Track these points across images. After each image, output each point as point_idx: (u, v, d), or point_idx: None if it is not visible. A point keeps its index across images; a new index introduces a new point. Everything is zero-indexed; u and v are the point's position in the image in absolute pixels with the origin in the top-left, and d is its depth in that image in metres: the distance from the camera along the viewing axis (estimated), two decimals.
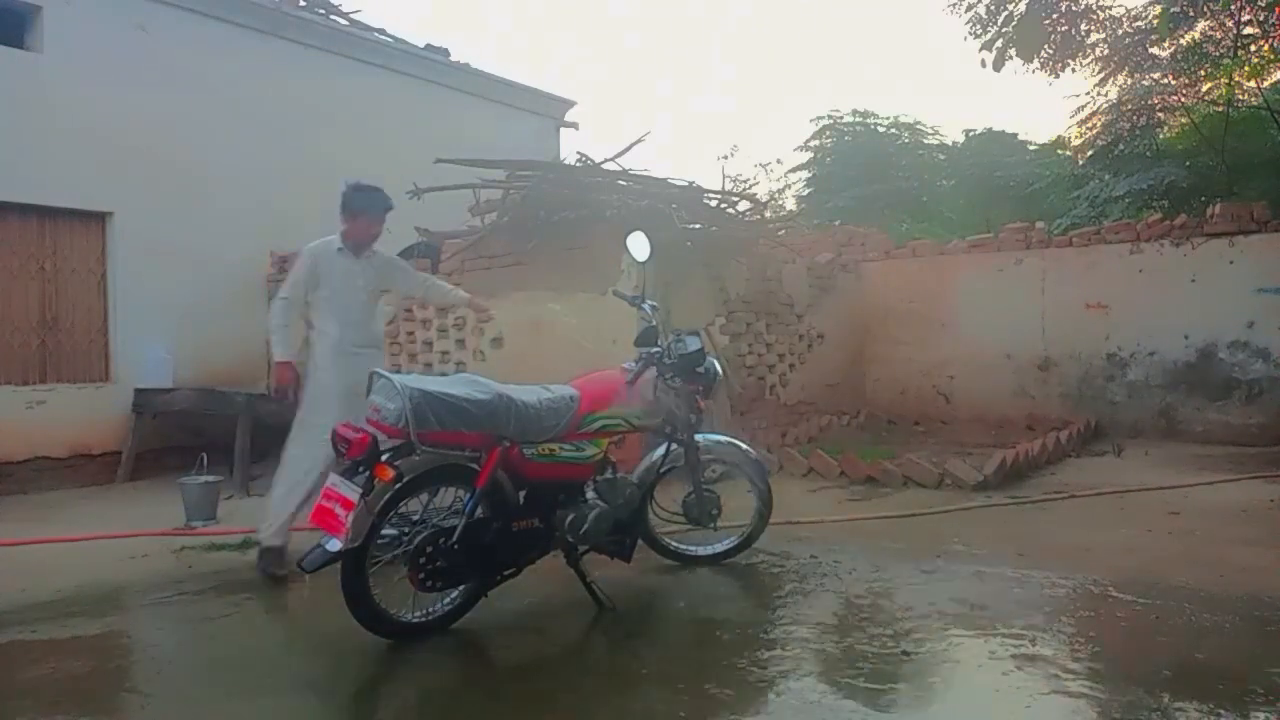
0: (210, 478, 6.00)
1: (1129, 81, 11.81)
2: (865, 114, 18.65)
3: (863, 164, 17.60)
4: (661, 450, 4.26)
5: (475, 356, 7.49)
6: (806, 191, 19.26)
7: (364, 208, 4.73)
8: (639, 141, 8.07)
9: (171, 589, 4.38)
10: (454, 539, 3.41)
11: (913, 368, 9.82)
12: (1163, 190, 11.74)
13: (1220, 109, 11.50)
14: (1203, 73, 11.10)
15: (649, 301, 4.39)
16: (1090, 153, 12.89)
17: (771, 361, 8.45)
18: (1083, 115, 12.64)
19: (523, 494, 3.71)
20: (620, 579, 4.07)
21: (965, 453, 7.16)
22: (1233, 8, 9.71)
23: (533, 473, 3.68)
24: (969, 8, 11.26)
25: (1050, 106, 39.63)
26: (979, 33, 11.22)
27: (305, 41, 9.47)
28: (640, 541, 4.18)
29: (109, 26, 8.02)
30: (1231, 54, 10.39)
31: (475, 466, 3.54)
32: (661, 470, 4.27)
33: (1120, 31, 11.33)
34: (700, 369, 4.20)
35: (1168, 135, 12.53)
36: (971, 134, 18.49)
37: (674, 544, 4.50)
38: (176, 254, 8.23)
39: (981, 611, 3.66)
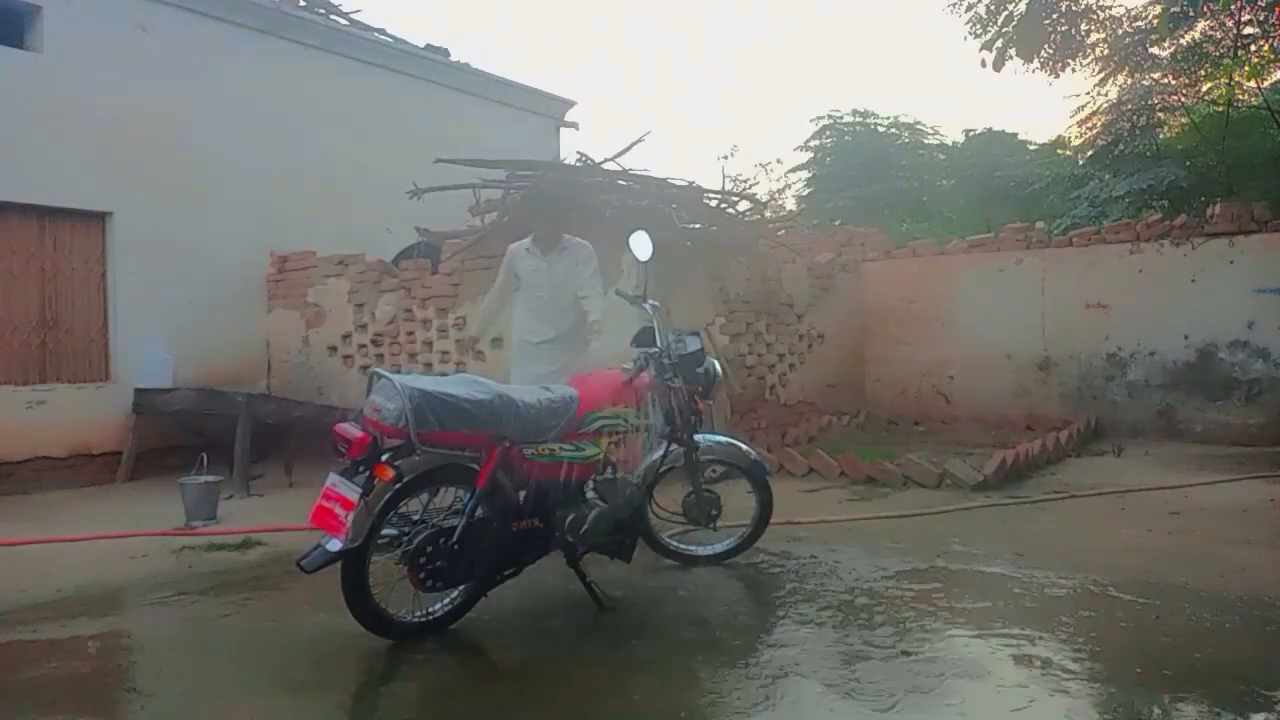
0: (210, 478, 6.01)
1: (1129, 81, 11.81)
2: (865, 114, 18.70)
3: (863, 164, 17.62)
4: (661, 450, 4.25)
5: (475, 357, 7.48)
6: (806, 191, 19.30)
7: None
8: (639, 141, 8.08)
9: (171, 589, 4.38)
10: (454, 539, 3.41)
11: (913, 368, 9.82)
12: (1163, 190, 11.73)
13: (1220, 109, 11.50)
14: (1203, 73, 11.10)
15: (650, 301, 4.38)
16: (1090, 153, 12.89)
17: (771, 361, 8.45)
18: (1083, 115, 12.67)
19: (523, 494, 3.71)
20: (620, 579, 4.07)
21: (965, 453, 7.17)
22: (1233, 8, 9.70)
23: (533, 473, 3.68)
24: (969, 8, 11.27)
25: (1050, 106, 39.72)
26: (979, 33, 11.24)
27: (305, 41, 9.47)
28: (640, 541, 4.18)
29: (109, 26, 8.03)
30: (1231, 54, 10.39)
31: (475, 466, 3.53)
32: (661, 470, 4.26)
33: (1120, 31, 11.34)
34: (700, 369, 4.20)
35: (1168, 135, 12.53)
36: (971, 134, 18.51)
37: (674, 544, 4.50)
38: (177, 254, 8.24)
39: (981, 611, 3.66)
